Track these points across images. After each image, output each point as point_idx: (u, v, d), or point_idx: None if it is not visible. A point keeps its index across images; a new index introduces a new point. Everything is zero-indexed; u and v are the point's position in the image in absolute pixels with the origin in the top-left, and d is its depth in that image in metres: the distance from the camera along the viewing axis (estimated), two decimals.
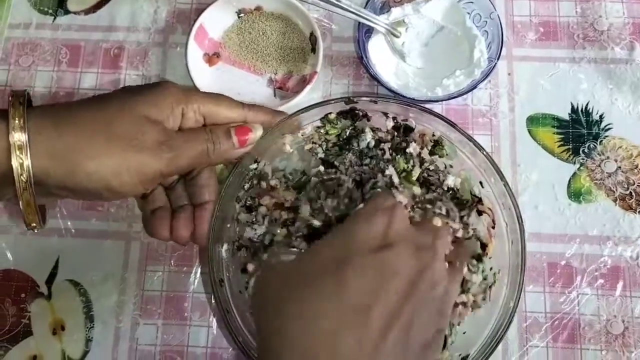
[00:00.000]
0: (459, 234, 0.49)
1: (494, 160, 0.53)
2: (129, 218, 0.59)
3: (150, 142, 0.42)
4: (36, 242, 0.58)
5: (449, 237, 0.46)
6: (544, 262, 0.56)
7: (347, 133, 0.56)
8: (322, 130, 0.56)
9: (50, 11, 0.66)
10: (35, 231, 0.43)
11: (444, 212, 0.49)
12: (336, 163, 0.54)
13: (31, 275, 0.58)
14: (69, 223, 0.59)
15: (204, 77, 0.61)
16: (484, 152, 0.53)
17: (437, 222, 0.45)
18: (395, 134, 0.56)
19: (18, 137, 0.37)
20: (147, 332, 0.56)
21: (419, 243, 0.42)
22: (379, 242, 0.40)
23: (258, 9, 0.62)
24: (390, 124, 0.56)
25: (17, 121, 0.38)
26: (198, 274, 0.57)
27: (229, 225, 0.55)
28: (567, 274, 0.56)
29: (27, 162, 0.37)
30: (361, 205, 0.44)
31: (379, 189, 0.49)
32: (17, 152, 0.37)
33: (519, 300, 0.50)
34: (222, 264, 0.53)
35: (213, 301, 0.55)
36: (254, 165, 0.55)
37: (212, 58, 0.62)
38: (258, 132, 0.50)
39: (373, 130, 0.56)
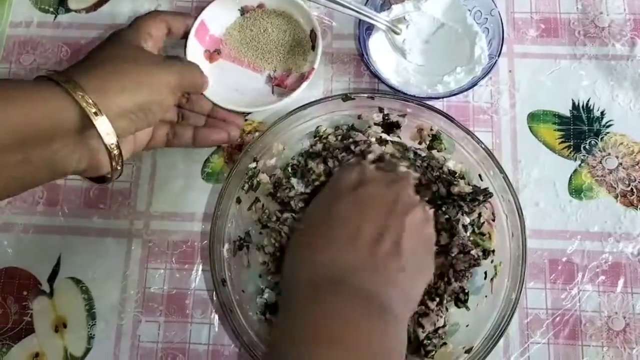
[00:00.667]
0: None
1: (492, 152, 0.53)
2: (131, 216, 0.59)
3: (153, 60, 0.51)
4: (38, 239, 0.59)
5: (412, 178, 0.52)
6: (545, 259, 0.56)
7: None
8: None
9: (51, 9, 0.66)
10: (115, 177, 0.48)
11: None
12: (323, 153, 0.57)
13: (33, 272, 0.58)
14: (70, 221, 0.59)
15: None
16: (482, 145, 0.54)
17: (402, 168, 0.53)
18: (382, 129, 0.57)
19: (89, 103, 0.42)
20: (148, 330, 0.56)
21: (389, 179, 0.50)
22: (356, 183, 0.49)
23: (260, 6, 0.62)
24: (378, 118, 0.57)
25: (72, 85, 0.42)
26: (199, 272, 0.57)
27: (229, 225, 0.55)
28: (568, 270, 0.56)
29: (104, 118, 0.43)
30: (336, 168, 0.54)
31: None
32: (95, 116, 0.42)
33: (520, 292, 0.50)
34: (224, 264, 0.53)
35: (215, 298, 0.55)
36: (253, 165, 0.55)
37: (212, 55, 0.62)
38: None
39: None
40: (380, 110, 0.56)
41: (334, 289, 0.43)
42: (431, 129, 0.56)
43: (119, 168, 0.47)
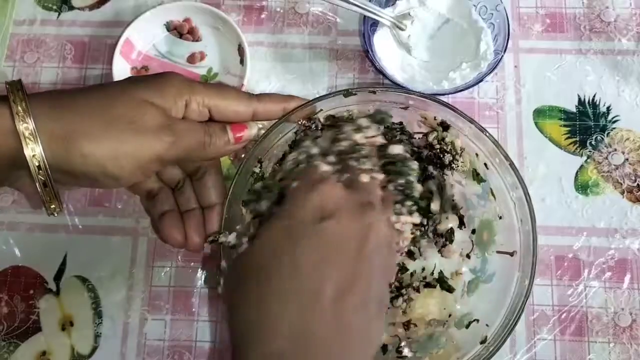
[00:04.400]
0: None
1: (497, 141, 0.53)
2: (136, 214, 0.59)
3: (150, 124, 0.40)
4: (44, 238, 0.59)
5: (377, 189, 0.46)
6: (551, 255, 0.56)
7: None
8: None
9: (55, 7, 0.66)
10: (56, 214, 0.41)
11: (366, 166, 0.48)
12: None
13: (39, 271, 0.58)
14: (76, 219, 0.59)
15: None
16: (487, 134, 0.53)
17: (364, 178, 0.45)
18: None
19: (24, 124, 0.36)
20: (155, 328, 0.56)
21: (356, 204, 0.42)
22: (319, 213, 0.41)
23: (187, 20, 0.62)
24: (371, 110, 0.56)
25: (19, 107, 0.36)
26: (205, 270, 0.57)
27: (238, 227, 0.55)
28: (574, 266, 0.56)
29: (39, 148, 0.36)
30: (293, 184, 0.45)
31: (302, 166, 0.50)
32: (28, 139, 0.36)
33: (533, 279, 0.50)
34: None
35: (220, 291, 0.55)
36: (257, 168, 0.55)
37: (140, 72, 0.62)
38: (253, 130, 0.49)
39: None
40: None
41: None
42: (435, 118, 0.55)
43: (52, 207, 0.40)
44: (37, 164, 0.36)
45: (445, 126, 0.55)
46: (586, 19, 0.63)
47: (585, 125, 0.60)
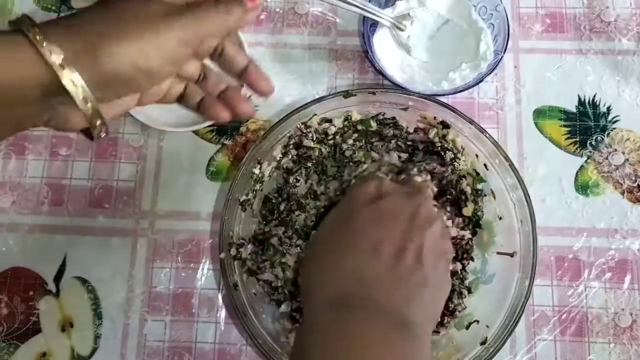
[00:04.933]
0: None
1: (497, 141, 0.53)
2: (136, 215, 0.59)
3: (161, 11, 0.39)
4: (44, 239, 0.59)
5: (429, 190, 0.52)
6: (551, 256, 0.56)
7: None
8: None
9: (54, 8, 0.66)
10: (102, 136, 0.40)
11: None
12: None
13: (39, 272, 0.58)
14: (76, 220, 0.59)
15: None
16: (487, 134, 0.53)
17: (418, 179, 0.53)
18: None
19: (53, 54, 0.35)
20: (155, 329, 0.56)
21: (407, 191, 0.49)
22: (374, 196, 0.48)
23: None
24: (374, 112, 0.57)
25: (39, 38, 0.35)
26: (205, 271, 0.57)
27: (237, 228, 0.55)
28: (574, 267, 0.56)
29: (75, 73, 0.36)
30: (354, 181, 0.54)
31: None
32: (61, 67, 0.35)
33: (533, 279, 0.51)
34: (234, 268, 0.53)
35: (223, 301, 0.55)
36: (257, 170, 0.55)
37: None
38: None
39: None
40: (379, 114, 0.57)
41: (356, 306, 0.42)
42: (435, 118, 0.55)
43: (102, 132, 0.39)
44: (76, 87, 0.36)
45: (445, 125, 0.55)
46: (586, 19, 0.63)
47: (585, 125, 0.59)
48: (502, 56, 0.57)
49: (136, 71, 0.38)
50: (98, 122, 0.39)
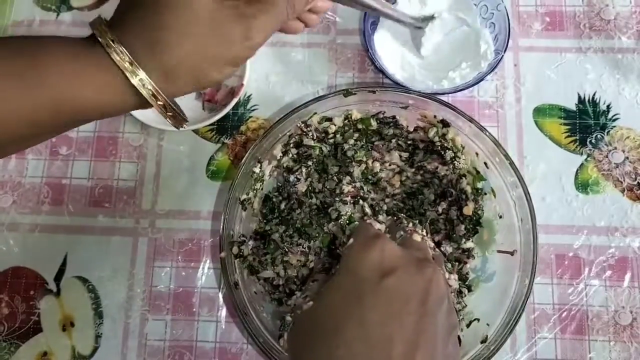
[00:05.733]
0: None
1: (497, 140, 0.53)
2: (136, 214, 0.59)
3: (225, 22, 0.37)
4: (44, 239, 0.59)
5: (429, 249, 0.48)
6: (551, 254, 0.56)
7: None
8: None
9: (54, 7, 0.66)
10: (184, 127, 0.42)
11: (419, 230, 0.50)
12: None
13: (40, 272, 0.58)
14: (76, 220, 0.59)
15: None
16: (487, 133, 0.53)
17: (417, 237, 0.48)
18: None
19: (121, 55, 0.35)
20: (156, 328, 0.56)
21: (414, 261, 0.44)
22: (380, 271, 0.42)
23: None
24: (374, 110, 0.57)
25: (111, 42, 0.35)
26: (206, 270, 0.57)
27: (238, 227, 0.55)
28: (574, 265, 0.56)
29: (142, 74, 0.35)
30: (350, 241, 0.47)
31: (356, 222, 0.54)
32: (130, 69, 0.35)
33: (534, 277, 0.51)
34: (235, 267, 0.53)
35: (224, 300, 0.55)
36: (257, 168, 0.55)
37: None
38: None
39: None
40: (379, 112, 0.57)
41: None
42: (435, 117, 0.55)
43: (178, 121, 0.40)
44: (147, 89, 0.36)
45: (445, 124, 0.55)
46: (586, 17, 0.63)
47: (585, 123, 0.59)
48: (502, 56, 0.57)
49: (204, 76, 0.37)
50: (180, 124, 0.40)
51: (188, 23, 0.36)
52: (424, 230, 0.51)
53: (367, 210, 0.55)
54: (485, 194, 0.55)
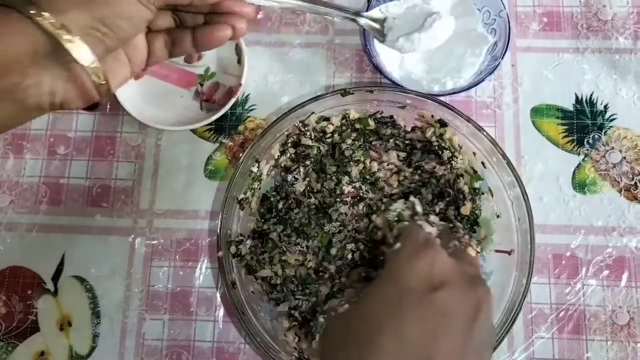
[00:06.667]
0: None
1: (494, 139, 0.53)
2: (134, 214, 0.59)
3: None
4: (42, 238, 0.59)
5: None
6: (549, 254, 0.56)
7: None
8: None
9: None
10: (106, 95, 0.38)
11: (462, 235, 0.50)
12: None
13: (37, 271, 0.58)
14: (74, 219, 0.59)
15: (128, 89, 0.59)
16: (484, 133, 0.54)
17: (472, 252, 0.46)
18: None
19: (54, 24, 0.34)
20: (153, 328, 0.56)
21: (467, 277, 0.41)
22: (429, 283, 0.40)
23: None
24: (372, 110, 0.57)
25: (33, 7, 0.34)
26: (203, 269, 0.57)
27: (235, 227, 0.55)
28: (572, 265, 0.56)
29: (84, 46, 0.34)
30: (397, 245, 0.44)
31: (405, 222, 0.50)
32: (69, 42, 0.34)
33: (531, 277, 0.51)
34: (233, 266, 0.54)
35: (222, 299, 0.55)
36: (255, 168, 0.55)
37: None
38: None
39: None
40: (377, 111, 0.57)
41: None
42: (432, 116, 0.56)
43: (103, 87, 0.37)
44: (87, 59, 0.35)
45: (443, 123, 0.55)
46: (583, 17, 0.63)
47: (582, 123, 0.60)
48: (500, 62, 0.57)
49: (98, 23, 0.35)
50: (101, 79, 0.36)
51: None
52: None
53: (418, 208, 0.51)
54: (483, 193, 0.55)
